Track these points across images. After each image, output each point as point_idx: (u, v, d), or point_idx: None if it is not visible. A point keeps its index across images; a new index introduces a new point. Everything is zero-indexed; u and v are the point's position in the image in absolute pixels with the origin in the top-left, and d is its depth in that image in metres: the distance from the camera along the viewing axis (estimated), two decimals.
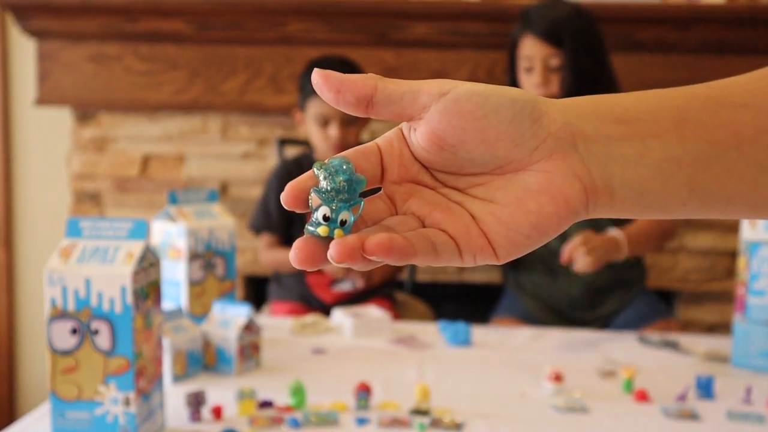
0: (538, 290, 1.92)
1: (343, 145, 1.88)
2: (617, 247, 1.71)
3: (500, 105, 0.42)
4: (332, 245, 0.39)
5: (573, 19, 1.85)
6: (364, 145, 0.44)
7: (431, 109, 0.42)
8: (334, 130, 1.91)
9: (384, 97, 0.42)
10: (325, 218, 0.40)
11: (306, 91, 1.96)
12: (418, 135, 0.43)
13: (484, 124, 0.42)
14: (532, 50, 1.85)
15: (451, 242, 0.42)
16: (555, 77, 1.85)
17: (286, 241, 2.03)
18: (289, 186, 0.41)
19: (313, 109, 1.93)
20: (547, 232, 0.43)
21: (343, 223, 0.40)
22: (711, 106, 0.43)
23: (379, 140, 0.45)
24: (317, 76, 0.42)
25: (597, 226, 1.78)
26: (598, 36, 1.88)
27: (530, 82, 1.87)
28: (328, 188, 0.40)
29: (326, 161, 0.41)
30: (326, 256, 0.40)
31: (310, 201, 0.41)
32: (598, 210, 0.43)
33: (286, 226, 2.01)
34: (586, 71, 1.84)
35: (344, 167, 0.41)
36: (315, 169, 0.41)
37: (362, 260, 0.39)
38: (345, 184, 0.40)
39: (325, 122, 1.92)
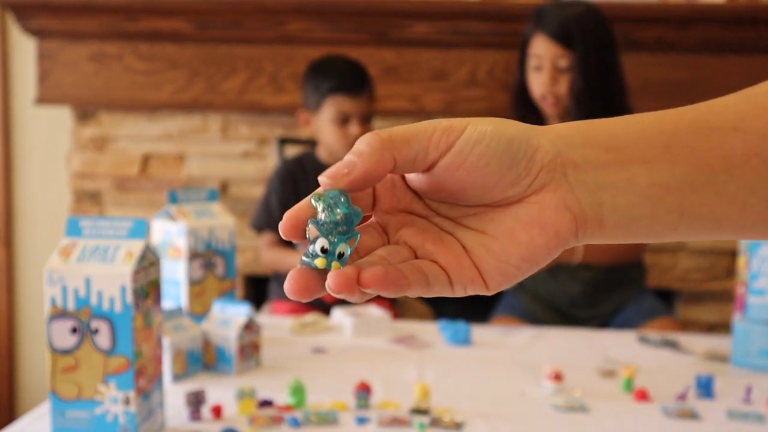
0: (538, 289, 1.92)
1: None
2: (570, 253, 1.76)
3: (500, 151, 0.42)
4: (330, 277, 0.40)
5: (585, 21, 1.85)
6: None
7: (437, 165, 0.42)
8: (355, 128, 1.91)
9: (402, 164, 0.42)
10: (323, 250, 0.40)
11: (321, 90, 1.95)
12: (419, 180, 0.44)
13: (486, 173, 0.42)
14: (542, 49, 1.85)
15: (443, 274, 0.43)
16: (563, 78, 1.85)
17: (287, 240, 2.03)
18: (287, 216, 0.41)
19: (331, 107, 1.93)
20: (537, 263, 0.43)
21: (340, 255, 0.41)
22: (699, 130, 0.43)
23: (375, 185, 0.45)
24: (326, 178, 0.42)
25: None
26: (610, 38, 1.88)
27: (538, 80, 1.87)
28: (327, 221, 0.40)
29: (323, 192, 0.41)
30: (321, 286, 0.41)
31: (307, 232, 0.41)
32: (587, 238, 0.44)
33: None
34: (596, 73, 1.84)
35: (342, 199, 0.41)
36: (313, 201, 0.41)
37: (358, 292, 0.40)
38: (343, 217, 0.41)
39: (344, 120, 1.92)
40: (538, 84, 1.87)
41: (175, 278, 1.40)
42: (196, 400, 1.08)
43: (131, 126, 2.44)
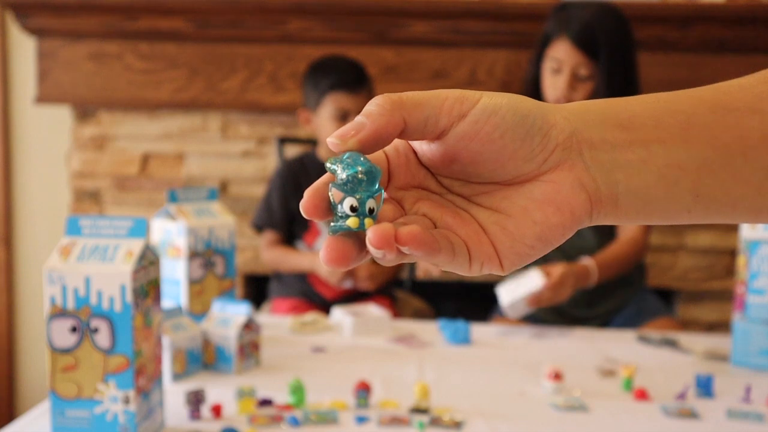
0: None
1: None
2: (587, 275, 1.73)
3: (515, 122, 0.41)
4: (370, 231, 0.38)
5: (610, 28, 1.81)
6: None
7: (450, 132, 0.42)
8: None
9: (412, 126, 0.41)
10: (352, 209, 0.39)
11: (320, 88, 1.96)
12: (432, 152, 0.43)
13: (500, 145, 0.41)
14: (563, 54, 1.80)
15: (464, 246, 0.42)
16: (581, 85, 1.81)
17: (288, 239, 2.03)
18: (308, 193, 0.40)
19: (331, 104, 1.93)
20: (552, 243, 0.42)
21: (371, 211, 0.40)
22: (717, 110, 0.42)
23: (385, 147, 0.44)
24: (334, 139, 0.41)
25: (569, 257, 1.80)
26: (632, 44, 1.85)
27: (555, 84, 1.82)
28: (350, 179, 0.39)
29: (339, 155, 0.41)
30: (356, 253, 0.40)
31: (331, 198, 0.40)
32: (602, 218, 0.43)
33: (288, 225, 2.02)
34: (618, 85, 1.81)
35: (361, 158, 0.40)
36: (329, 164, 0.40)
37: (396, 251, 0.39)
38: (365, 172, 0.40)
39: (343, 118, 1.93)
40: (554, 87, 1.83)
41: (175, 277, 1.40)
42: (195, 400, 1.08)
43: (131, 125, 2.44)
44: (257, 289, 2.57)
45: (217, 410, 1.09)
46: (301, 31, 2.33)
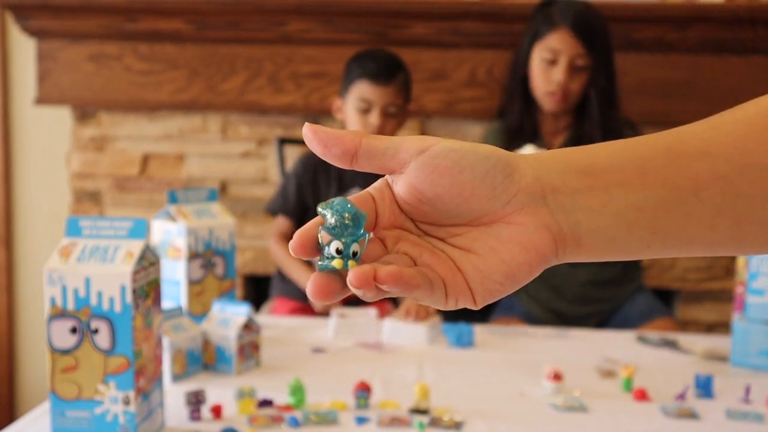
0: (538, 288, 1.93)
1: (380, 135, 1.87)
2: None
3: (475, 161, 0.45)
4: (351, 273, 0.42)
5: (602, 26, 1.87)
6: (358, 193, 0.47)
7: (410, 165, 0.45)
8: (374, 118, 1.89)
9: (366, 152, 0.45)
10: (338, 251, 0.43)
11: (350, 76, 1.94)
12: (399, 187, 0.46)
13: (460, 180, 0.45)
14: (561, 44, 1.83)
15: (441, 282, 0.45)
16: (578, 76, 1.85)
17: (299, 228, 2.01)
18: (298, 234, 0.44)
19: (356, 93, 1.91)
20: (519, 280, 0.46)
21: (354, 254, 0.43)
22: (671, 154, 0.46)
23: (370, 189, 0.48)
24: (308, 129, 0.46)
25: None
26: (613, 47, 1.93)
27: (548, 77, 1.84)
28: (337, 223, 0.43)
29: (329, 201, 0.44)
30: (340, 288, 0.44)
31: (319, 239, 0.44)
32: (567, 256, 0.46)
33: (301, 213, 2.00)
34: (610, 76, 1.87)
35: (348, 205, 0.44)
36: (320, 209, 0.44)
37: (375, 289, 0.42)
38: (352, 218, 0.44)
39: (366, 109, 1.91)
40: (547, 81, 1.85)
41: (175, 278, 1.41)
42: (195, 400, 1.08)
43: (131, 126, 2.44)
44: (257, 289, 2.57)
45: (217, 411, 1.09)
46: (301, 32, 2.33)
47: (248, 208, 2.43)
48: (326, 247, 0.44)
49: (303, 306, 1.99)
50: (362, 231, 0.44)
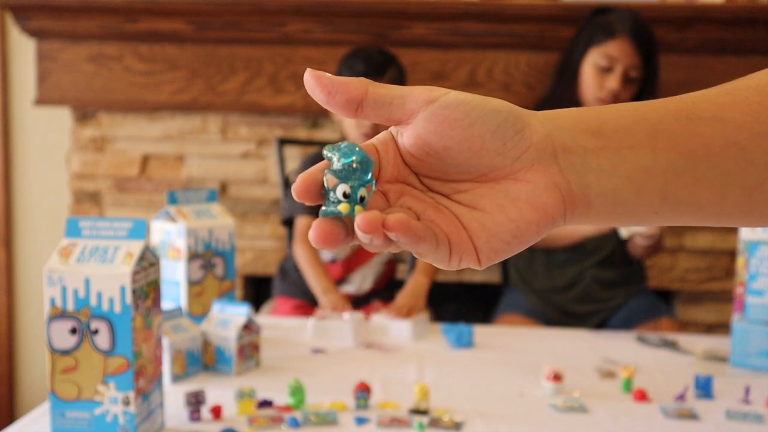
0: (542, 286, 1.93)
1: (375, 135, 1.87)
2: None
3: (485, 114, 0.43)
4: (359, 217, 0.40)
5: (656, 39, 1.89)
6: (364, 143, 0.46)
7: (418, 116, 0.43)
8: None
9: (373, 101, 0.44)
10: (345, 195, 0.41)
11: (341, 75, 1.94)
12: (405, 139, 0.45)
13: (470, 133, 0.43)
14: (619, 52, 1.83)
15: (446, 239, 0.43)
16: (629, 86, 1.86)
17: None
18: (302, 177, 0.42)
19: None
20: (527, 240, 0.44)
21: (362, 199, 0.41)
22: (682, 119, 0.45)
23: (374, 140, 0.46)
24: (309, 75, 0.43)
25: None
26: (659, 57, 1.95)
27: (601, 83, 1.85)
28: (345, 167, 0.41)
29: (336, 144, 0.43)
30: (344, 235, 0.42)
31: (325, 182, 0.42)
32: (575, 218, 0.45)
33: (316, 207, 1.98)
34: (651, 92, 1.88)
35: (356, 148, 0.42)
36: (326, 152, 0.42)
37: (383, 236, 0.41)
38: (359, 162, 0.42)
39: None
40: (599, 87, 1.85)
41: (175, 279, 1.41)
42: (195, 401, 1.08)
43: (131, 127, 2.45)
44: (257, 290, 2.57)
45: (216, 411, 1.09)
46: (301, 32, 2.33)
47: (248, 208, 2.43)
48: (331, 192, 0.41)
49: (305, 304, 1.99)
50: (370, 176, 0.42)
